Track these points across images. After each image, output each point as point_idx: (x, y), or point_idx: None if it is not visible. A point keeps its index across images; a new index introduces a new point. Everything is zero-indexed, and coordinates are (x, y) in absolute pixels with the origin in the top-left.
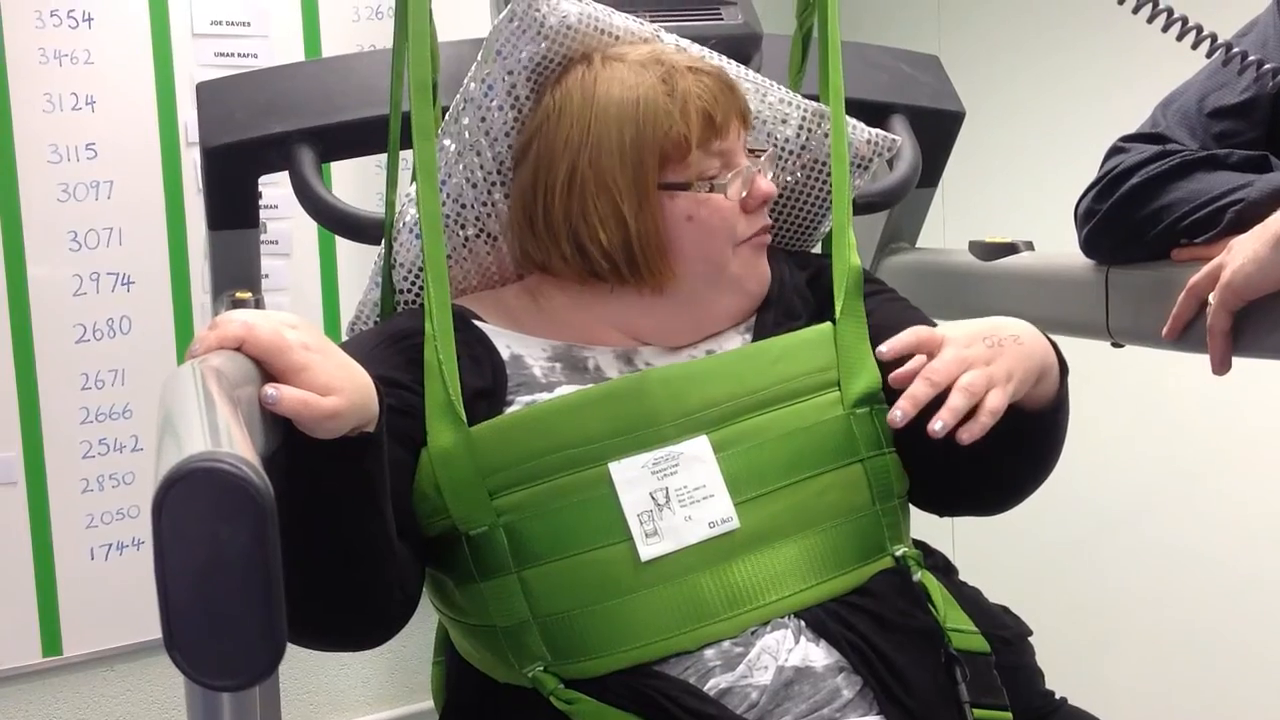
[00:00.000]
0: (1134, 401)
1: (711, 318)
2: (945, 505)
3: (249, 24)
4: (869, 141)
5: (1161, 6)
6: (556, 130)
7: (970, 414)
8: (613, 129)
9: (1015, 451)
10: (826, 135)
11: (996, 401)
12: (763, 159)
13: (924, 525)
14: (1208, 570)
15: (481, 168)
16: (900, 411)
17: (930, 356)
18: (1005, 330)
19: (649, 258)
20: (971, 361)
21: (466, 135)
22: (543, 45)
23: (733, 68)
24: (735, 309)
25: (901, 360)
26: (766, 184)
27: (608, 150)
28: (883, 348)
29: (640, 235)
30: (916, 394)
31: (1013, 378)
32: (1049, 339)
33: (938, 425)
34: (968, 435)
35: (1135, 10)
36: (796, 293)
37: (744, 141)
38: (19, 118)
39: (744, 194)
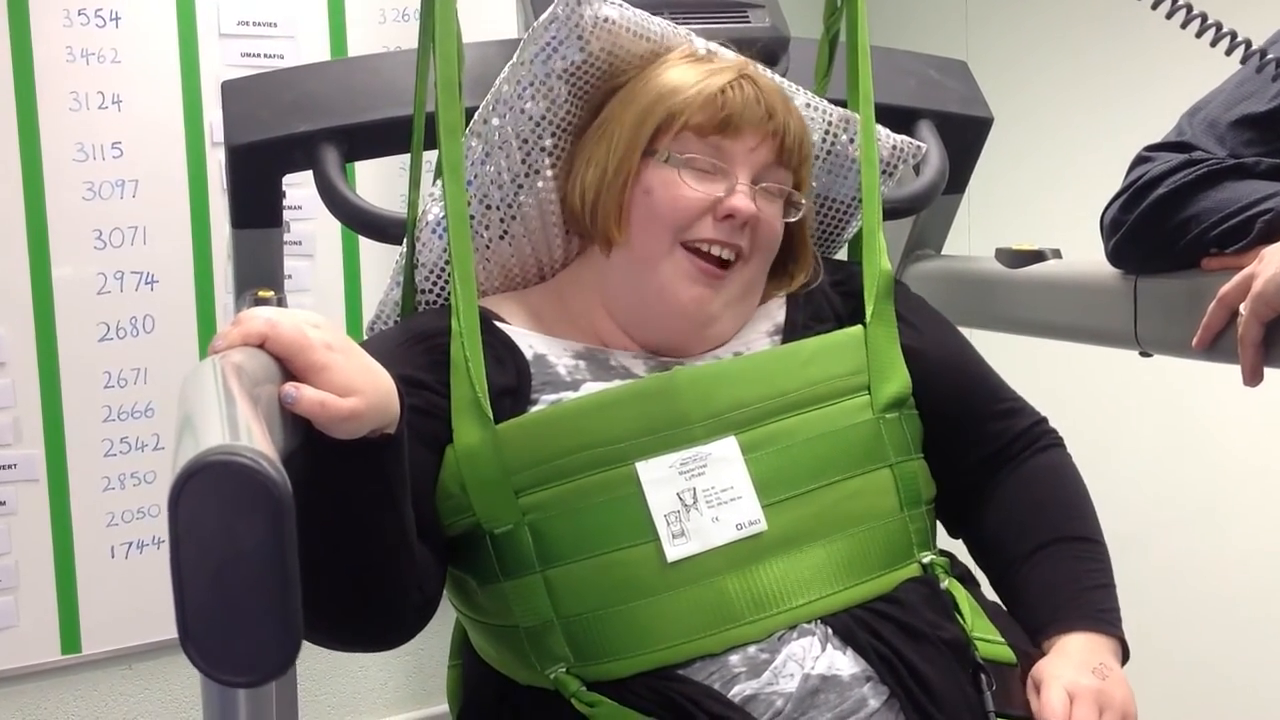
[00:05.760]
0: (1160, 417)
1: (658, 334)
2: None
3: (275, 24)
4: (894, 148)
5: (1195, 12)
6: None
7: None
8: (644, 95)
9: None
10: (851, 140)
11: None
12: (773, 192)
13: (947, 537)
14: (1231, 590)
15: (509, 169)
16: None
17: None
18: (1095, 656)
19: (603, 214)
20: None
21: (496, 136)
22: (583, 49)
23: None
24: (673, 329)
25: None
26: (743, 203)
27: (633, 109)
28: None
29: (605, 188)
30: None
31: (1129, 701)
32: (1118, 637)
33: None
34: None
35: (1169, 15)
36: (824, 296)
37: (763, 166)
38: (45, 116)
39: (718, 196)
